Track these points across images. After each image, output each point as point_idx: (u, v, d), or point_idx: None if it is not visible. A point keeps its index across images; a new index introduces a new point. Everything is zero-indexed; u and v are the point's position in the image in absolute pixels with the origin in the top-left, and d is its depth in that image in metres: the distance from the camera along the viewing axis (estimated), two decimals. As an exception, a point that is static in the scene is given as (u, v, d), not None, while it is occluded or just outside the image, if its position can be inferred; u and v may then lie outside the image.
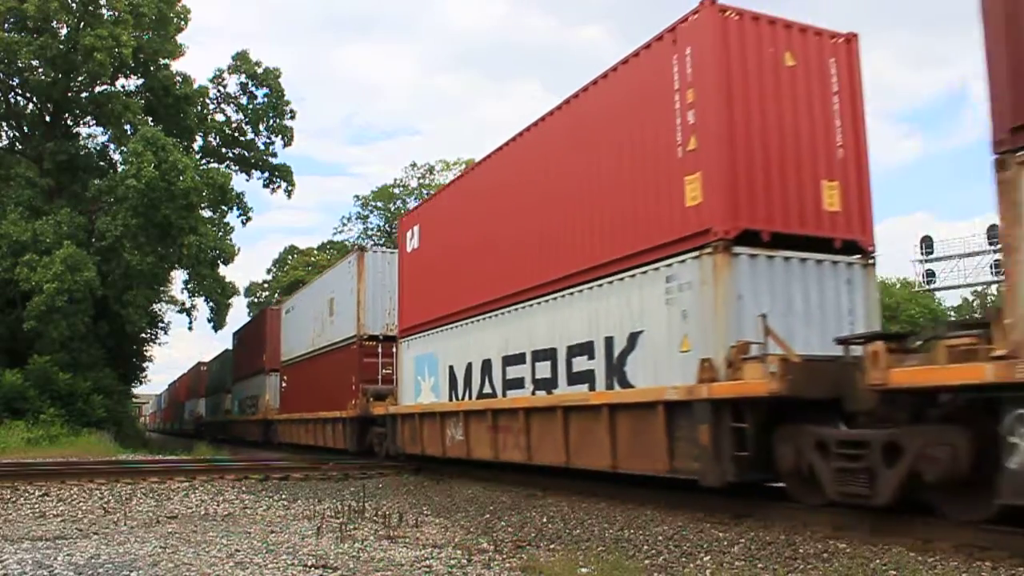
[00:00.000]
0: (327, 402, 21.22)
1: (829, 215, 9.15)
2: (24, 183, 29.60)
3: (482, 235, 13.63)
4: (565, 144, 11.44)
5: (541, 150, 12.11)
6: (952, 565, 6.08)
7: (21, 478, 13.26)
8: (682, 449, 8.80)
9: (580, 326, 10.75)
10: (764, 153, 8.92)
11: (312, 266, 58.16)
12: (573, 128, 11.33)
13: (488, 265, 13.26)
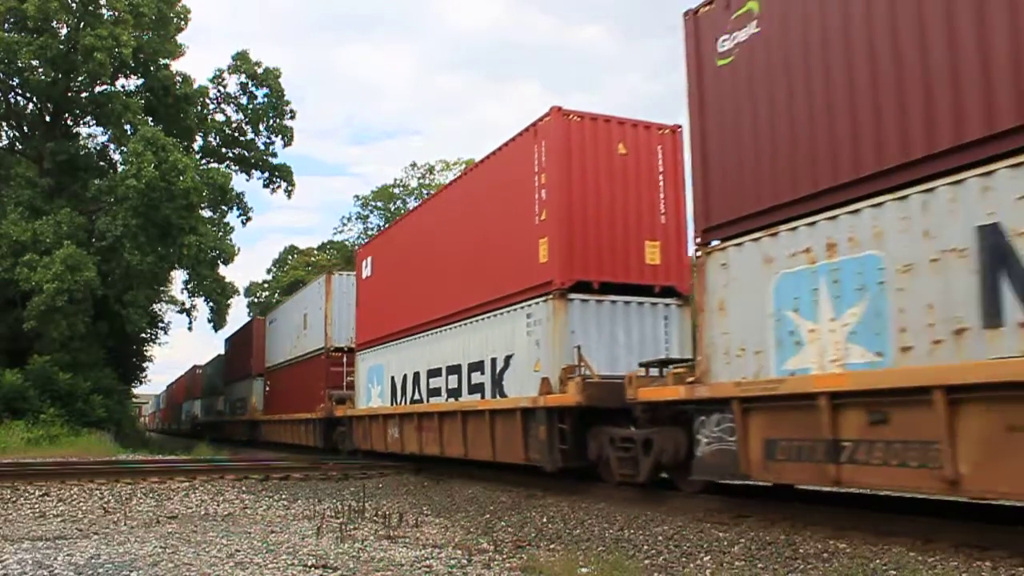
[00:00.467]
0: (301, 405, 23.83)
1: (650, 267, 11.90)
2: (24, 183, 29.58)
3: (415, 269, 16.76)
4: (464, 208, 14.74)
5: (450, 210, 15.42)
6: (952, 565, 6.08)
7: (21, 478, 13.26)
8: (532, 444, 11.75)
9: (476, 348, 13.80)
10: (597, 221, 11.80)
11: (312, 266, 58.16)
12: (468, 196, 14.72)
13: (419, 294, 16.32)
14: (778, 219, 7.89)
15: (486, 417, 13.02)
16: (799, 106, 7.77)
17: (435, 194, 17.91)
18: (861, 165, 7.07)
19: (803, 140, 7.71)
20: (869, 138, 7.02)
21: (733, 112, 8.61)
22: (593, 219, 11.82)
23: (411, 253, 17.13)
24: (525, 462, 11.96)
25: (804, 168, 7.67)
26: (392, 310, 17.69)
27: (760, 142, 8.22)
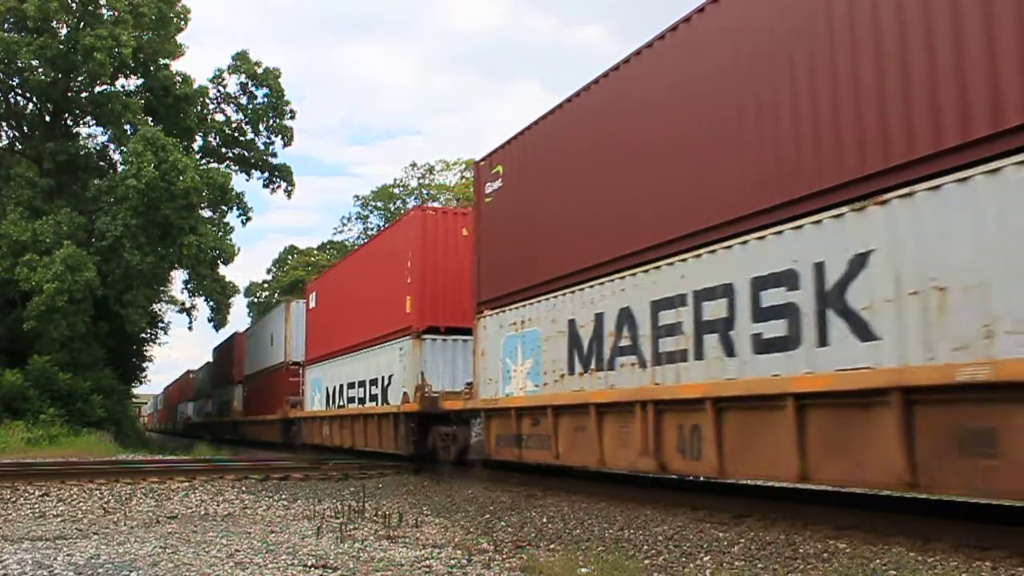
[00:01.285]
0: (268, 408, 28.73)
1: None
2: (24, 183, 29.60)
3: (340, 305, 21.87)
4: (367, 266, 20.12)
5: (360, 266, 21.02)
6: (952, 565, 6.08)
7: (21, 478, 13.26)
8: (400, 438, 16.77)
9: (373, 369, 18.79)
10: (445, 282, 16.33)
11: (312, 266, 58.17)
12: (369, 258, 20.38)
13: (342, 324, 21.18)
14: (504, 303, 13.13)
15: (375, 419, 18.24)
16: (518, 235, 12.91)
17: (354, 251, 25.93)
18: (540, 277, 12.08)
19: (516, 256, 12.86)
20: (546, 260, 11.92)
21: (491, 232, 13.80)
22: (441, 281, 16.44)
23: (339, 293, 22.22)
24: (395, 450, 17.00)
25: (516, 275, 12.75)
26: (327, 335, 22.63)
27: (501, 254, 13.39)
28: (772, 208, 7.89)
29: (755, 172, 8.13)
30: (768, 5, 8.21)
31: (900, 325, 6.61)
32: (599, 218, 10.68)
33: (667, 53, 9.75)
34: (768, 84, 8.10)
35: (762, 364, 7.88)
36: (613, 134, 10.56)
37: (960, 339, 6.11)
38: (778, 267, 7.77)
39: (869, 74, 7.02)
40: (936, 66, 6.46)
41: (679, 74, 9.43)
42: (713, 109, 8.79)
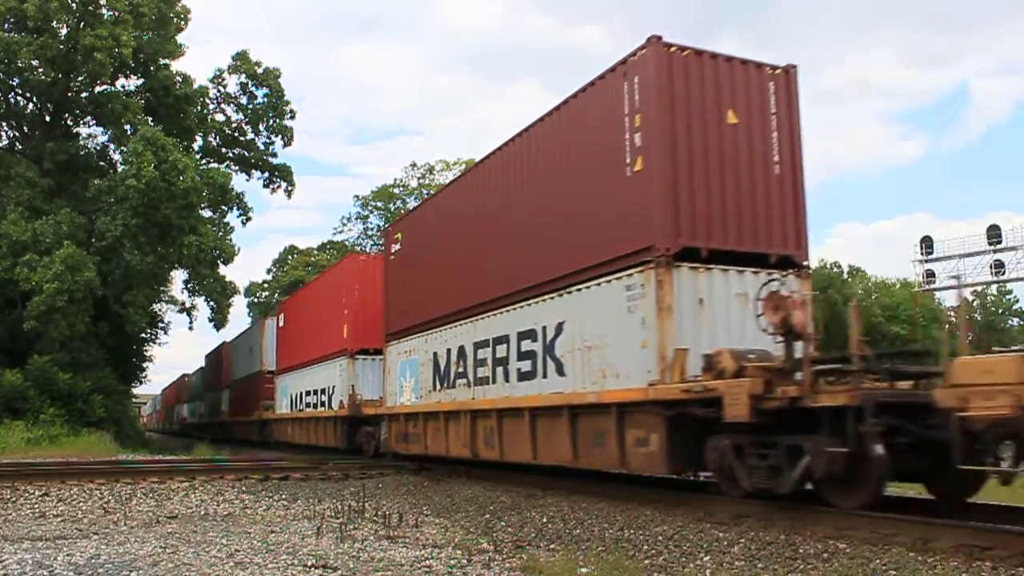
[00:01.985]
0: (248, 410, 32.37)
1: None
2: (24, 183, 29.54)
3: (299, 326, 26.32)
4: (318, 298, 25.03)
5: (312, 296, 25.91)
6: (952, 565, 6.08)
7: (21, 478, 13.26)
8: (338, 435, 21.36)
9: (321, 380, 23.00)
10: (375, 314, 19.55)
11: (312, 266, 58.14)
12: (319, 291, 25.37)
13: (301, 342, 25.67)
14: (400, 336, 17.35)
15: (323, 421, 22.73)
16: (409, 286, 17.12)
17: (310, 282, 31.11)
18: (420, 318, 16.25)
19: (408, 302, 17.03)
20: (424, 306, 16.08)
21: (393, 283, 18.14)
22: (371, 313, 20.27)
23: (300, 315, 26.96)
24: (335, 445, 21.25)
25: (407, 315, 16.92)
26: (292, 350, 26.77)
27: (399, 299, 17.64)
28: (528, 288, 12.28)
29: (522, 264, 12.51)
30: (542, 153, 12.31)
31: (574, 367, 11.10)
32: (452, 278, 15.04)
33: (494, 166, 13.95)
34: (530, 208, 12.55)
35: (521, 388, 12.43)
36: (470, 214, 14.57)
37: (593, 378, 10.67)
38: (530, 325, 12.25)
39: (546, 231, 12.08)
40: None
41: (501, 181, 13.57)
42: (514, 211, 12.97)
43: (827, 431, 7.64)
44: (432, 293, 15.75)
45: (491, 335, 13.31)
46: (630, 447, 9.95)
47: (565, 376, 11.22)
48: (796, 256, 10.37)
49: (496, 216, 13.29)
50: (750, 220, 10.16)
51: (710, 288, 9.86)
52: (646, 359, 9.58)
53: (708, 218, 9.88)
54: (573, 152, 11.37)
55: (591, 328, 10.67)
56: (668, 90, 9.88)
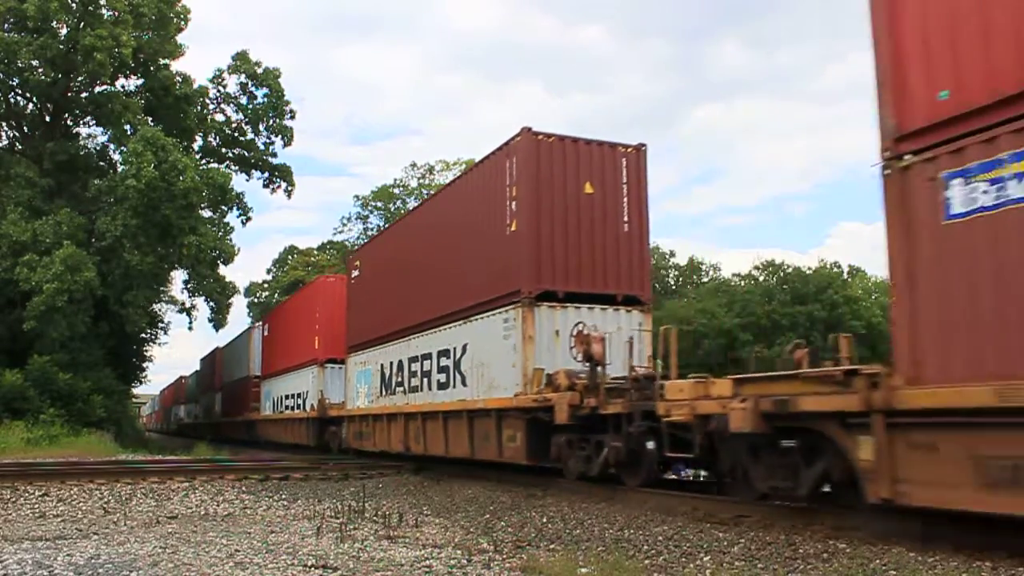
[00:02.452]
0: (238, 411, 34.51)
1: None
2: (24, 183, 29.55)
3: (278, 336, 29.34)
4: (293, 312, 28.10)
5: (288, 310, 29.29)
6: (952, 565, 6.08)
7: (21, 478, 13.25)
8: (309, 434, 23.83)
9: (296, 385, 25.89)
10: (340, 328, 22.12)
11: (312, 266, 58.13)
12: (294, 307, 28.71)
13: (280, 351, 28.41)
14: (358, 349, 20.14)
15: (297, 421, 25.51)
16: (366, 306, 19.95)
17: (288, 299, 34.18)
18: (372, 335, 19.17)
19: (364, 320, 19.89)
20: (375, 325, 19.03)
21: (354, 303, 21.00)
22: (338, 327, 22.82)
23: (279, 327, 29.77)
24: (307, 443, 23.89)
25: (364, 332, 19.76)
26: (273, 358, 29.66)
27: (357, 317, 20.60)
28: (444, 315, 15.20)
29: (441, 296, 15.50)
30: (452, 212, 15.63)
31: (473, 380, 13.97)
32: (394, 303, 17.96)
33: (420, 218, 18.26)
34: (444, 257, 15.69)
35: (439, 396, 15.34)
36: (408, 252, 17.73)
37: (483, 389, 13.57)
38: (446, 346, 15.18)
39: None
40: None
41: (425, 231, 16.97)
42: (435, 255, 16.16)
43: (612, 431, 10.65)
44: (380, 314, 18.78)
45: (420, 352, 16.40)
46: (505, 443, 13.00)
47: (467, 387, 14.20)
48: (640, 295, 13.28)
49: (422, 258, 16.86)
50: (601, 268, 13.07)
51: (564, 321, 12.72)
52: (516, 376, 12.52)
53: (566, 267, 12.84)
54: (473, 213, 14.36)
55: (483, 350, 13.70)
56: (535, 168, 12.76)
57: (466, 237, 14.61)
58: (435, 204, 17.60)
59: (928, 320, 6.34)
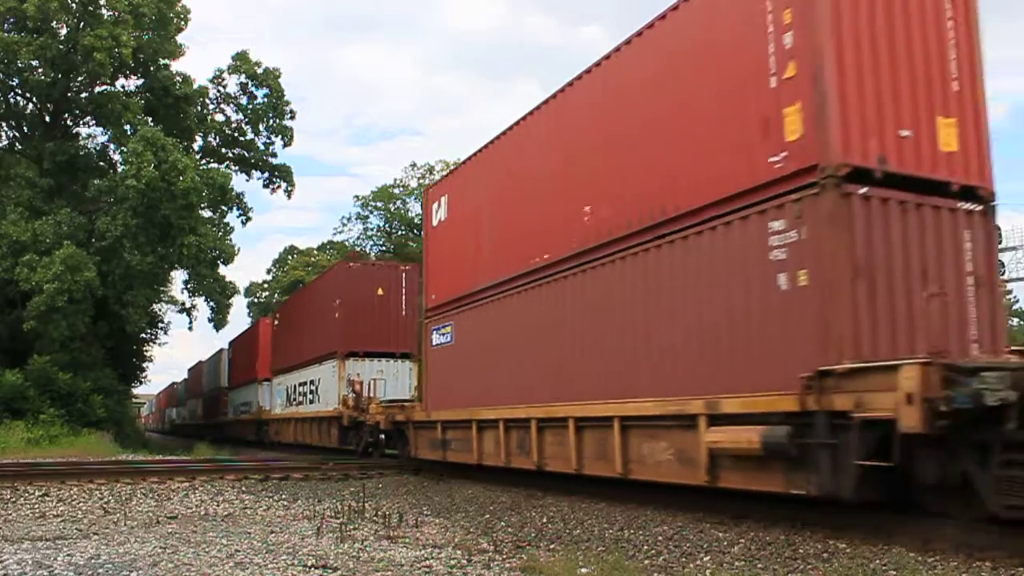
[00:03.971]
0: (214, 415, 41.61)
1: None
2: (24, 183, 29.50)
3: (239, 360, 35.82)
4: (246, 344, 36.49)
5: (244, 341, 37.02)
6: (952, 565, 6.08)
7: (21, 478, 13.26)
8: (261, 432, 31.65)
9: (247, 395, 34.36)
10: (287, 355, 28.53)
11: (312, 266, 58.09)
12: (245, 341, 37.53)
13: (240, 370, 35.57)
14: (278, 373, 29.65)
15: (248, 422, 32.60)
16: (280, 340, 29.62)
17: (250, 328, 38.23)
18: (281, 364, 29.19)
19: (280, 353, 29.13)
20: (282, 357, 28.95)
21: (273, 337, 30.84)
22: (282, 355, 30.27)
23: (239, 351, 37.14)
24: (253, 439, 31.57)
25: (280, 360, 29.06)
26: (235, 374, 37.63)
27: (276, 349, 29.61)
28: (309, 360, 25.81)
29: (307, 349, 26.08)
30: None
31: (321, 398, 24.15)
32: (286, 344, 29.06)
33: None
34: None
35: (308, 407, 25.70)
36: (302, 308, 28.03)
37: (323, 405, 23.73)
38: (310, 378, 25.80)
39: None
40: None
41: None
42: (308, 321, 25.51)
43: (396, 434, 17.65)
44: (285, 349, 28.44)
45: (299, 380, 26.43)
46: (331, 434, 22.51)
47: (318, 403, 23.92)
48: (413, 352, 22.21)
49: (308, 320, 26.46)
50: (385, 336, 22.59)
51: (371, 369, 21.84)
52: (336, 398, 22.03)
53: (364, 336, 22.44)
54: (313, 302, 27.24)
55: (323, 383, 23.52)
56: (345, 283, 23.59)
57: (311, 322, 25.77)
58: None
59: (432, 384, 15.62)
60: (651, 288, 9.47)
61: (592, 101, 11.00)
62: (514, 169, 13.05)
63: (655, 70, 9.81)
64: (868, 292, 7.33)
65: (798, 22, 7.75)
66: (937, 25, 8.27)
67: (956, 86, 8.31)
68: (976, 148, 8.36)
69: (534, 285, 12.00)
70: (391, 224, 56.53)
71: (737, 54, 8.49)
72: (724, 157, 8.54)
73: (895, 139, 7.79)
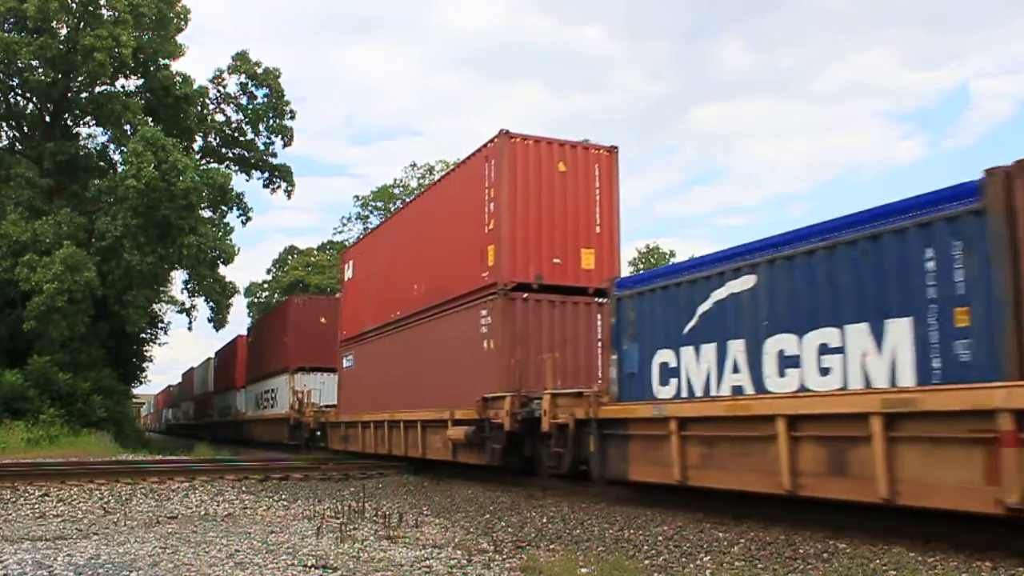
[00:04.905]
0: (202, 416, 46.53)
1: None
2: (24, 183, 29.51)
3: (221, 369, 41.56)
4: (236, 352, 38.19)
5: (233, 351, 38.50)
6: (952, 565, 6.08)
7: (21, 478, 13.26)
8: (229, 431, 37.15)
9: (225, 402, 39.83)
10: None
11: (312, 266, 58.04)
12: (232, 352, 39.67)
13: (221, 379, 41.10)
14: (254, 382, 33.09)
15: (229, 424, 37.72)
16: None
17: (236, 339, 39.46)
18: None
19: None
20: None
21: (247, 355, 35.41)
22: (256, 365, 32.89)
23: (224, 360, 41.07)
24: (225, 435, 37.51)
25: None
26: (221, 381, 41.42)
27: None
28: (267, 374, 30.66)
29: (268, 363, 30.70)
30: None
31: (278, 404, 29.44)
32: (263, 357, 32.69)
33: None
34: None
35: (270, 411, 30.63)
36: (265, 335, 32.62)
37: (280, 408, 28.15)
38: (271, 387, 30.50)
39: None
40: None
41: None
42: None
43: (322, 430, 23.01)
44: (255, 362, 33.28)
45: (264, 389, 30.68)
46: (286, 433, 25.82)
47: (277, 408, 28.01)
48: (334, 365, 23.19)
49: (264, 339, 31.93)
50: (324, 354, 25.50)
51: (314, 381, 25.91)
52: (287, 403, 26.00)
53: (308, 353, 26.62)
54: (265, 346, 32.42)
55: (278, 390, 28.04)
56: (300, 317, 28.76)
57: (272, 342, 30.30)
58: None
59: (341, 396, 21.38)
60: (434, 341, 15.49)
61: (415, 217, 17.62)
62: (384, 252, 19.32)
63: (438, 208, 16.19)
64: (523, 353, 12.84)
65: (495, 198, 13.49)
66: (587, 194, 13.89)
67: (598, 229, 13.91)
68: (608, 265, 13.74)
69: (391, 332, 17.98)
70: (391, 224, 56.50)
71: (473, 208, 14.13)
72: (464, 269, 14.27)
73: (550, 264, 13.45)
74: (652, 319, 9.84)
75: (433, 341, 15.45)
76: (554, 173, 13.59)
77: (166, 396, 73.99)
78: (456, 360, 14.32)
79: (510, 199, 13.23)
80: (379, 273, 19.23)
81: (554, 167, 13.69)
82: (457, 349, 14.27)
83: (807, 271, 7.74)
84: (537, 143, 13.68)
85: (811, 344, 7.64)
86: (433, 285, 15.73)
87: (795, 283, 7.88)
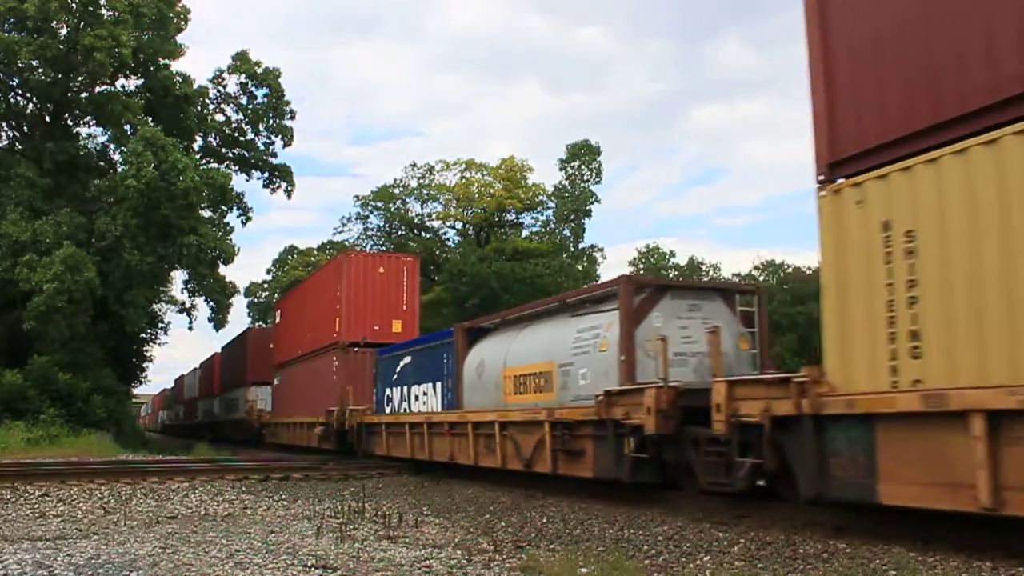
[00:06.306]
0: (191, 418, 51.20)
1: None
2: (24, 183, 29.48)
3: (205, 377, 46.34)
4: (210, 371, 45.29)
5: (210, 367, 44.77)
6: (952, 565, 6.08)
7: (21, 478, 13.26)
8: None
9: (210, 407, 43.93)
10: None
11: (312, 266, 58.01)
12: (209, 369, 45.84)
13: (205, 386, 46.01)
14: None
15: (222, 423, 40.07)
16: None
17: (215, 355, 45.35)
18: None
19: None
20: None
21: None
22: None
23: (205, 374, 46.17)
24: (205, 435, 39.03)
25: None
26: (201, 388, 46.62)
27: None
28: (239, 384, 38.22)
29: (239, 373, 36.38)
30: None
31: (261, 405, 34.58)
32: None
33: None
34: None
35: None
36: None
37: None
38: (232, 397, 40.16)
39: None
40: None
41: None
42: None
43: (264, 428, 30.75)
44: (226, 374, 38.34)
45: (231, 396, 35.51)
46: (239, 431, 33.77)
47: (239, 411, 33.81)
48: None
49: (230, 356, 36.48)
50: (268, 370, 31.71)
51: (265, 391, 31.43)
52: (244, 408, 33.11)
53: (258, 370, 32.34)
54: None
55: (240, 397, 34.08)
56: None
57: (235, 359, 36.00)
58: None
59: (275, 404, 30.56)
60: (312, 372, 24.06)
61: (308, 290, 27.05)
62: (294, 309, 28.24)
63: (317, 288, 25.25)
64: (355, 387, 20.36)
65: (342, 288, 22.06)
66: (397, 286, 22.67)
67: (404, 307, 22.63)
68: (410, 329, 22.15)
69: (297, 363, 26.37)
70: (391, 224, 56.42)
71: (331, 293, 22.88)
72: (326, 330, 23.09)
73: (372, 329, 21.79)
74: (385, 371, 18.61)
75: (312, 372, 24.08)
76: (376, 274, 22.31)
77: (162, 399, 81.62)
78: (321, 385, 22.66)
79: (348, 290, 21.92)
80: (292, 322, 28.24)
81: (376, 270, 22.34)
82: (322, 378, 22.67)
83: (418, 357, 16.94)
84: (367, 256, 25.70)
85: (418, 389, 16.87)
86: (314, 337, 24.45)
87: (417, 362, 17.00)
